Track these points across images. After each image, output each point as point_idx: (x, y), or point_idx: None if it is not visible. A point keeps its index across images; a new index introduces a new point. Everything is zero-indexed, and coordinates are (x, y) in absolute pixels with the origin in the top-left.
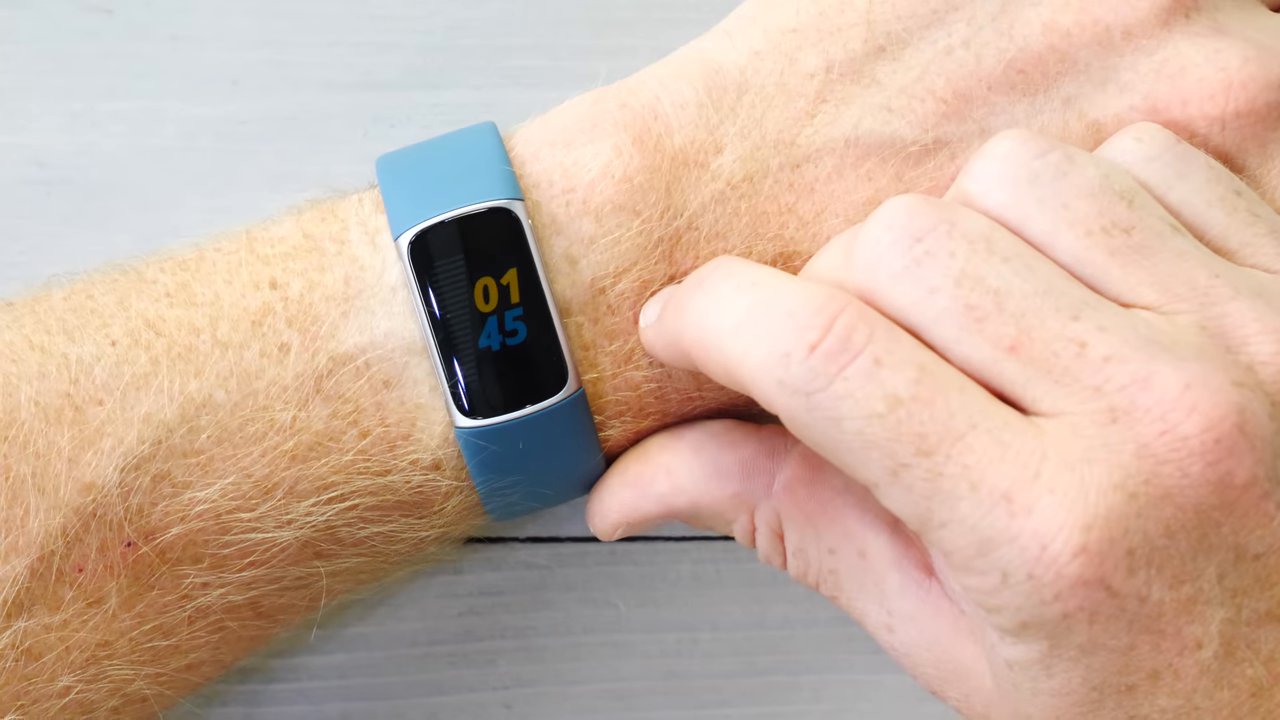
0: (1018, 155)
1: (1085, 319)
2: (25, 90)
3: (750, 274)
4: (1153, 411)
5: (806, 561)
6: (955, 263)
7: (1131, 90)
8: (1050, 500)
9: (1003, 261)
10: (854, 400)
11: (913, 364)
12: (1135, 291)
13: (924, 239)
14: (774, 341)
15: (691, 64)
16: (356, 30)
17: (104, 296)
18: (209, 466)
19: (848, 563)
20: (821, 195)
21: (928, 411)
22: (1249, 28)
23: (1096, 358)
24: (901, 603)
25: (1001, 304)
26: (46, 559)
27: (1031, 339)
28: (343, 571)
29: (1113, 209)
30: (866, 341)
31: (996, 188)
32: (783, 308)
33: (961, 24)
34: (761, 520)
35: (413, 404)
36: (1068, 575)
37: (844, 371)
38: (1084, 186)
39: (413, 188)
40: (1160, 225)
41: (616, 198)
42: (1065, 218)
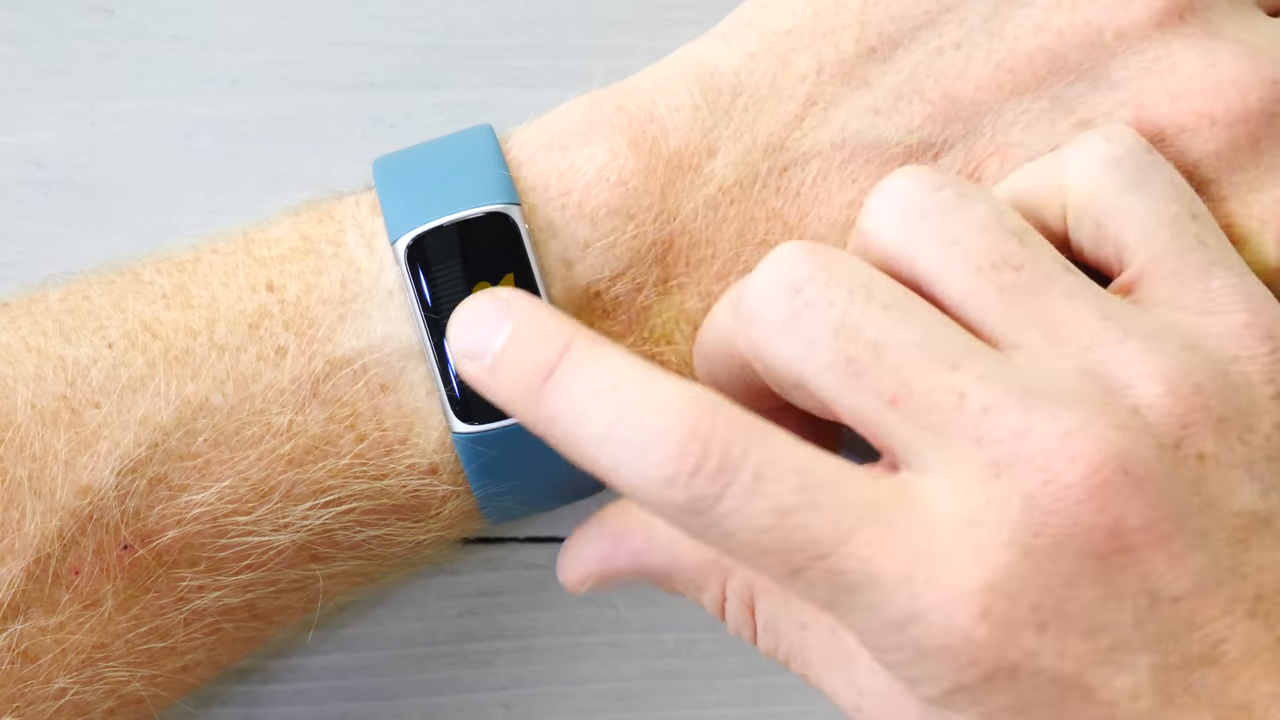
0: (908, 191)
1: (964, 368)
2: (25, 90)
3: (603, 372)
4: (1034, 462)
5: (777, 636)
6: (834, 313)
7: (1121, 88)
8: (947, 569)
9: (882, 310)
10: (741, 516)
11: (794, 470)
12: (1021, 332)
13: (802, 290)
14: (650, 466)
15: (687, 67)
16: (355, 30)
17: (101, 298)
18: (206, 470)
19: (818, 639)
20: (806, 199)
21: (815, 516)
22: (1243, 30)
23: (975, 409)
24: (871, 681)
25: (880, 355)
26: (43, 562)
27: (911, 391)
28: (339, 574)
29: (1003, 245)
30: (744, 454)
31: (888, 224)
32: (654, 427)
33: (953, 25)
34: (733, 590)
35: (410, 408)
36: (978, 640)
37: (728, 490)
38: (974, 222)
39: (410, 191)
40: (1051, 264)
41: (611, 201)
42: (955, 254)
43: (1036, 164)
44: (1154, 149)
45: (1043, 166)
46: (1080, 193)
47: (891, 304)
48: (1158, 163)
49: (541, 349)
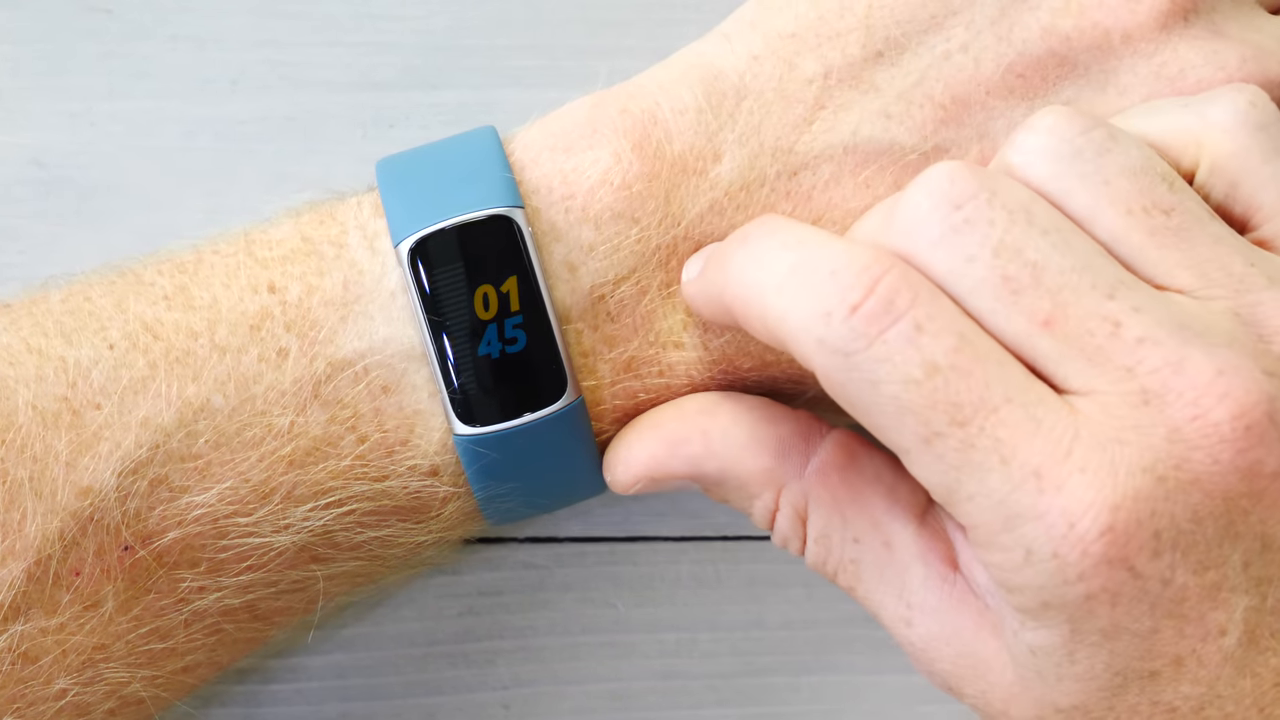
0: (1061, 130)
1: (1121, 298)
2: (25, 90)
3: (795, 232)
4: (1185, 396)
5: (828, 549)
6: (994, 232)
7: (1131, 93)
8: (1080, 479)
9: (1042, 234)
10: (892, 364)
11: (953, 332)
12: (1171, 274)
13: (964, 206)
14: (816, 300)
15: (691, 69)
16: (356, 30)
17: (102, 299)
18: (206, 471)
19: (872, 553)
20: (818, 203)
21: (965, 381)
22: (1247, 29)
23: (1130, 338)
24: (924, 595)
25: (1038, 277)
26: (43, 563)
27: (1067, 315)
28: (339, 575)
29: (1153, 189)
30: (909, 306)
31: (1039, 160)
32: (826, 267)
33: (960, 29)
34: (787, 501)
35: (411, 410)
36: (1092, 555)
37: (884, 334)
38: (1126, 165)
39: (413, 194)
40: (1199, 210)
41: (616, 205)
42: (1106, 194)
43: (1169, 110)
44: None
45: (1179, 116)
46: (1222, 152)
47: (1052, 229)
48: None
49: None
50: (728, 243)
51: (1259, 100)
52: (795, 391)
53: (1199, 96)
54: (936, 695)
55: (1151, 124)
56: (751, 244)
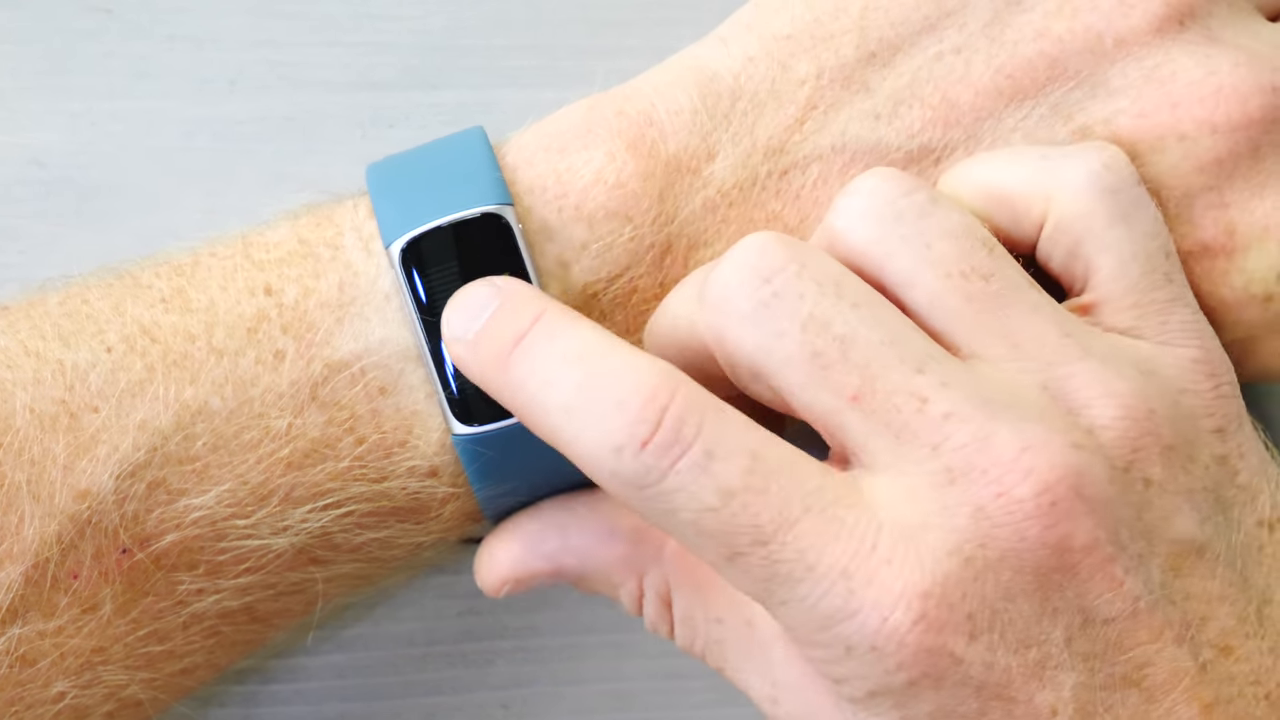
0: (883, 192)
1: (929, 373)
2: (25, 90)
3: (574, 341)
4: (989, 474)
5: (694, 630)
6: (803, 305)
7: (1121, 95)
8: (888, 571)
9: (851, 307)
10: (687, 494)
11: (744, 451)
12: (985, 342)
13: (773, 280)
14: (604, 433)
15: (686, 70)
16: (354, 30)
17: (99, 302)
18: (204, 473)
19: (734, 632)
20: (806, 202)
21: (761, 500)
22: (1243, 35)
23: (937, 414)
24: (786, 673)
25: (846, 352)
26: (41, 566)
27: (874, 390)
28: (338, 577)
29: (974, 254)
30: (696, 433)
31: (860, 224)
32: (612, 395)
33: (953, 30)
34: (650, 587)
35: (409, 410)
36: (909, 644)
37: (676, 465)
38: (947, 228)
39: (403, 194)
40: (1018, 277)
41: (609, 204)
42: (926, 257)
43: (1023, 161)
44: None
45: (1031, 168)
46: (1067, 212)
47: (861, 302)
48: (1144, 198)
49: (516, 318)
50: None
51: (1114, 163)
52: None
53: (1059, 149)
54: None
55: (1005, 173)
56: (531, 351)
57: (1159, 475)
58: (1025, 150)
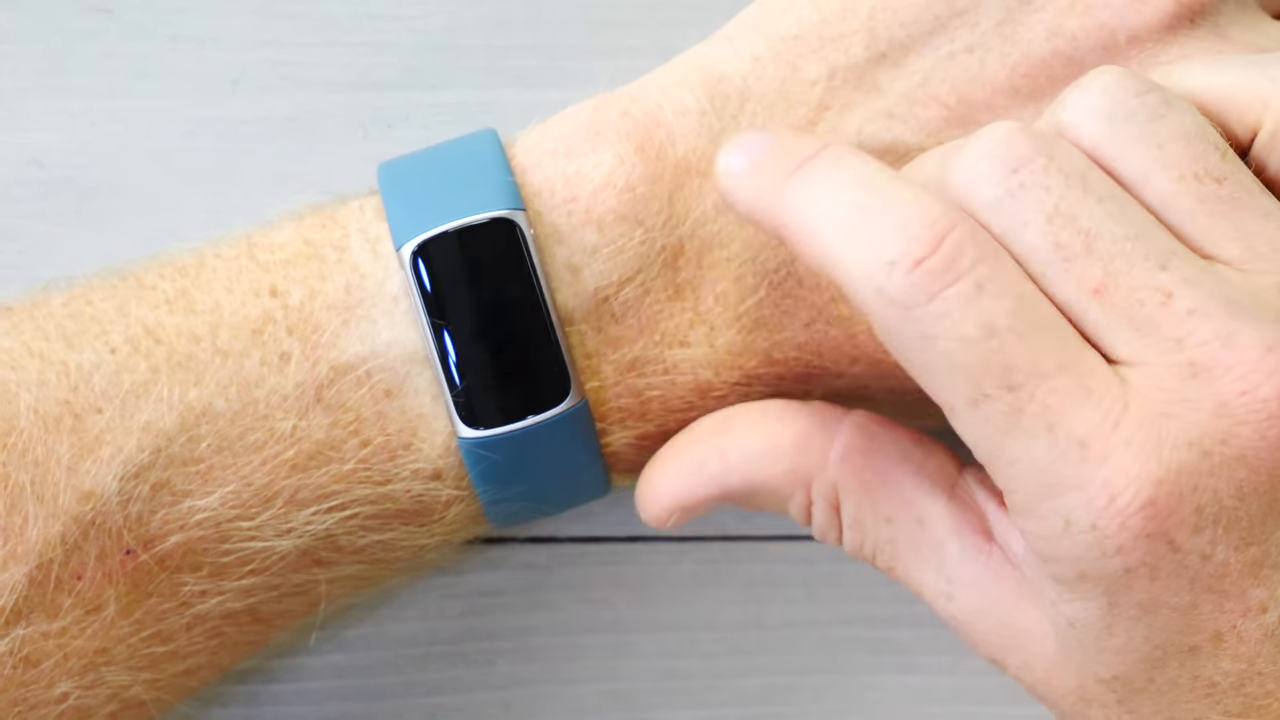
0: (1116, 90)
1: (1173, 269)
2: (25, 90)
3: (863, 169)
4: (1234, 370)
5: (863, 533)
6: (1049, 198)
7: None
8: (1125, 452)
9: (1097, 201)
10: (950, 321)
11: (1012, 294)
12: (1219, 244)
13: (1020, 170)
14: (880, 248)
15: (693, 71)
16: (356, 30)
17: (103, 303)
18: (209, 475)
19: (906, 531)
20: None
21: (1020, 345)
22: (1250, 33)
23: (1181, 310)
24: (961, 569)
25: (1091, 245)
26: (45, 567)
27: (1118, 284)
28: (342, 578)
29: (1207, 157)
30: (972, 264)
31: (1091, 120)
32: (895, 216)
33: (965, 29)
34: (818, 494)
35: (414, 413)
36: (1131, 528)
37: (946, 291)
38: (1180, 130)
39: (415, 197)
40: (1250, 182)
41: (619, 207)
42: (1159, 158)
43: (1235, 67)
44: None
45: (1246, 74)
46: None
47: (1107, 197)
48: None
49: (802, 147)
50: (785, 154)
51: None
52: (801, 391)
53: (1267, 56)
54: (938, 696)
55: (1217, 78)
56: (814, 171)
57: None
58: (1230, 57)
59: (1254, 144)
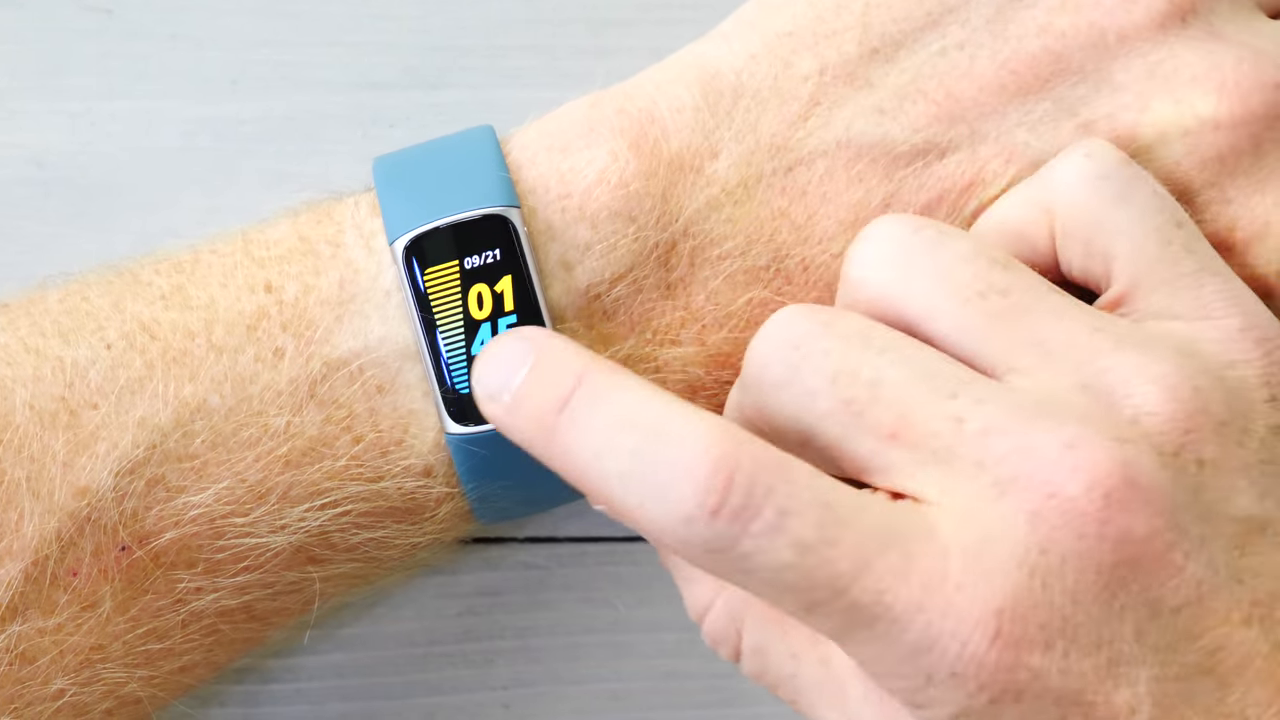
0: (893, 234)
1: (962, 396)
2: (25, 90)
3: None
4: (1036, 478)
5: (765, 663)
6: (829, 362)
7: (1124, 91)
8: (960, 597)
9: (878, 353)
10: (764, 555)
11: (816, 504)
12: (1015, 355)
13: (800, 345)
14: (671, 503)
15: (688, 68)
16: (355, 30)
17: (99, 299)
18: (203, 471)
19: (810, 669)
20: (814, 198)
21: (835, 550)
22: (1244, 32)
23: (974, 431)
24: (864, 711)
25: (877, 394)
26: (41, 563)
27: (910, 423)
28: (336, 576)
29: (988, 273)
30: (767, 493)
31: (875, 269)
32: (677, 465)
33: (956, 26)
34: (724, 604)
35: (405, 410)
36: (988, 665)
37: (750, 528)
38: (958, 254)
39: (409, 192)
40: (1036, 284)
41: (613, 204)
42: (943, 287)
43: (1018, 189)
44: (1133, 161)
45: (1026, 191)
46: (1067, 211)
47: (887, 347)
48: (1139, 175)
49: (556, 381)
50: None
51: (1095, 150)
52: None
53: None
54: None
55: (1005, 208)
56: (577, 415)
57: (1213, 454)
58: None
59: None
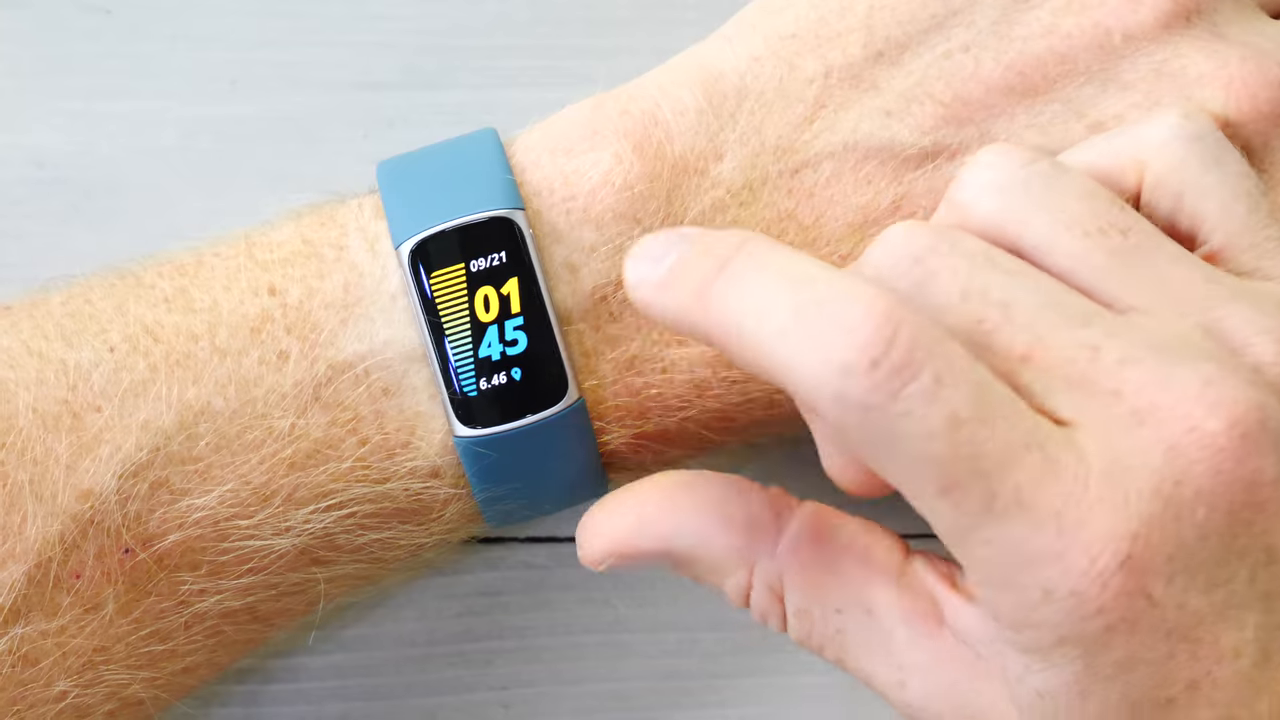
0: (1005, 164)
1: (1095, 325)
2: (25, 90)
3: (787, 263)
4: (1176, 410)
5: (810, 623)
6: (958, 279)
7: (1132, 89)
8: (1098, 512)
9: (1006, 275)
10: (914, 419)
11: (971, 382)
12: (1136, 293)
13: (924, 259)
14: (831, 353)
15: (691, 70)
16: (356, 30)
17: (102, 301)
18: (207, 474)
19: (854, 621)
20: (820, 200)
21: (985, 431)
22: (1247, 32)
23: (1111, 361)
24: (913, 655)
25: (1010, 315)
26: (44, 566)
27: (1045, 346)
28: (340, 577)
29: (1109, 211)
30: (927, 357)
31: (987, 195)
32: (839, 316)
33: (961, 28)
34: (760, 579)
35: (412, 412)
36: (1112, 587)
37: (906, 389)
38: (1076, 190)
39: (414, 196)
40: (1152, 229)
41: (617, 206)
42: (1062, 219)
43: (1106, 138)
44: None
45: (1117, 141)
46: (1162, 167)
47: (1015, 270)
48: (1228, 142)
49: (718, 250)
50: (699, 259)
51: (1192, 114)
52: None
53: (1132, 124)
54: None
55: (1089, 153)
56: (738, 275)
57: None
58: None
59: (1139, 204)
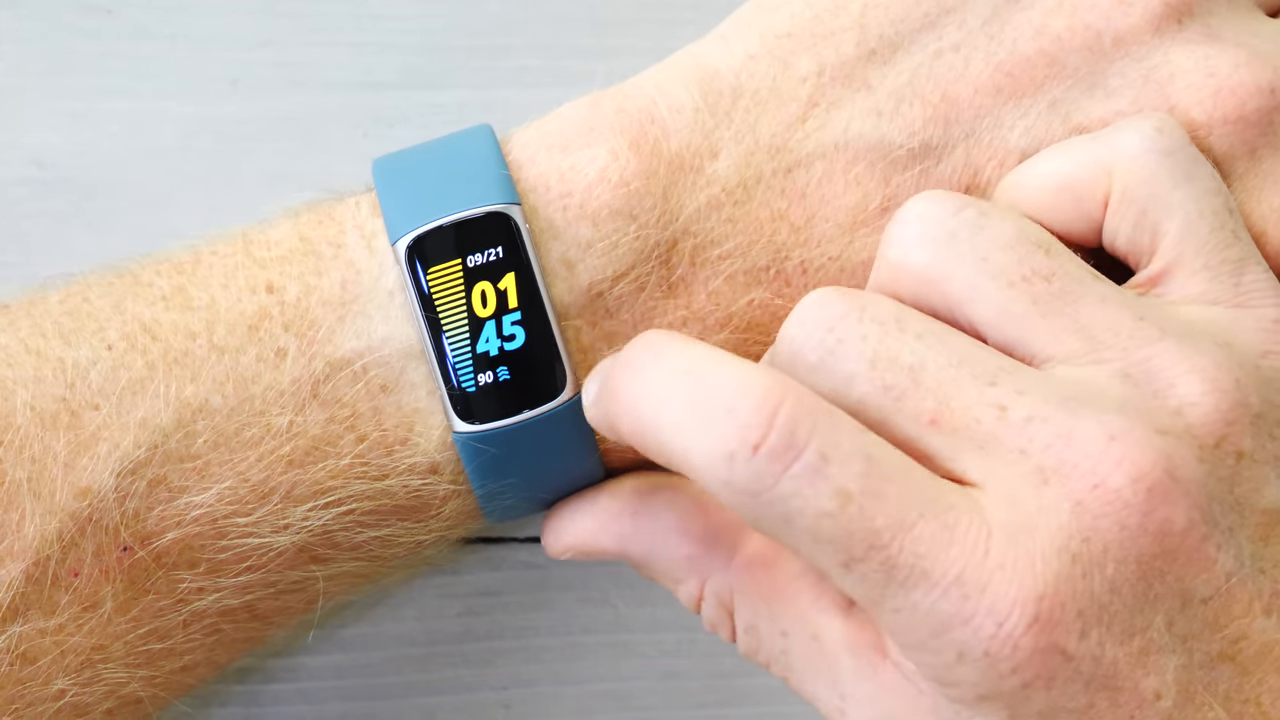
0: (933, 214)
1: (1002, 384)
2: (25, 90)
3: (682, 358)
4: (1080, 467)
5: (758, 640)
6: (868, 346)
7: (1118, 95)
8: (1001, 576)
9: (915, 338)
10: (803, 499)
11: (859, 455)
12: (1059, 340)
13: (835, 328)
14: (715, 441)
15: (688, 68)
16: (356, 30)
17: (100, 300)
18: (205, 471)
19: (800, 645)
20: (812, 200)
21: (877, 504)
22: (1243, 33)
23: (1018, 420)
24: (856, 685)
25: (917, 379)
26: (42, 564)
27: (951, 409)
28: (339, 575)
29: (1032, 258)
30: (810, 436)
31: (915, 249)
32: (722, 404)
33: (953, 28)
34: (711, 591)
35: (410, 408)
36: (1024, 647)
37: (790, 470)
38: (1001, 238)
39: (410, 192)
40: (1080, 271)
41: (613, 202)
42: (985, 270)
43: (1076, 144)
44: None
45: (1086, 148)
46: (1130, 179)
47: (924, 332)
48: (1200, 157)
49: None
50: (615, 368)
51: (1165, 126)
52: None
53: (1106, 129)
54: None
55: (1061, 160)
56: (638, 372)
57: (1249, 446)
58: (1074, 139)
59: (1106, 217)
